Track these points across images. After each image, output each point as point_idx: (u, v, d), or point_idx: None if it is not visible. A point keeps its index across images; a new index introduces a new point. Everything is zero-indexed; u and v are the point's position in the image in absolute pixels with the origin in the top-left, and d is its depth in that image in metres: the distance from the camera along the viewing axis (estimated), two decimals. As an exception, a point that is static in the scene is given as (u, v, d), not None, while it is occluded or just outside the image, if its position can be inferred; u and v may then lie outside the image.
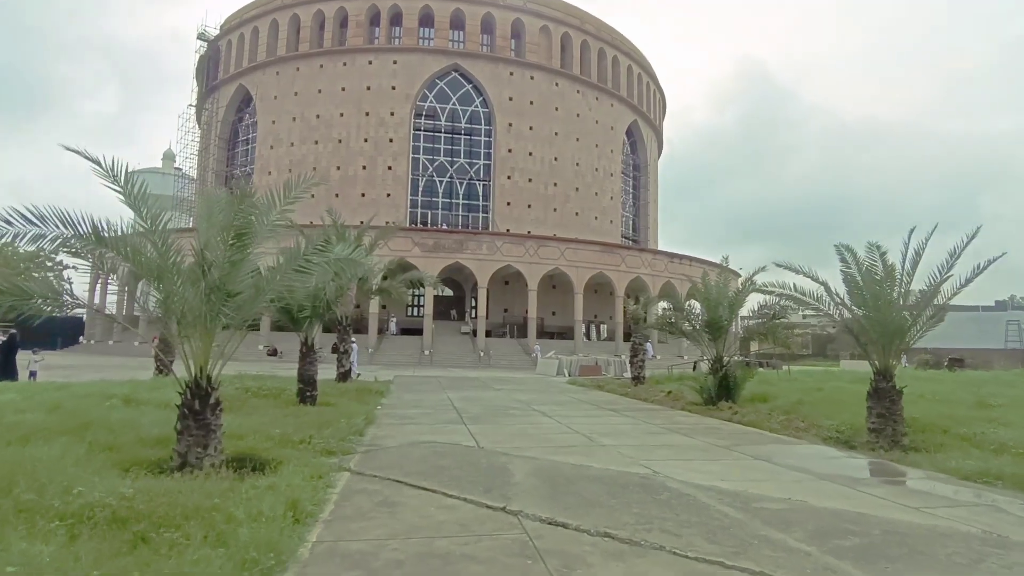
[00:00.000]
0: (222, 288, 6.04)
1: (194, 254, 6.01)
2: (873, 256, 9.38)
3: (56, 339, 46.13)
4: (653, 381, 21.79)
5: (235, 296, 6.23)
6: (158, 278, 6.11)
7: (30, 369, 16.61)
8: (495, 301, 46.66)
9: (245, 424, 8.38)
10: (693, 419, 12.23)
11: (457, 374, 28.71)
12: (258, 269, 6.61)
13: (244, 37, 56.76)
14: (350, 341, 17.97)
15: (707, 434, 10.03)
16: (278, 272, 6.51)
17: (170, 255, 6.01)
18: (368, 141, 51.31)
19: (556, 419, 11.68)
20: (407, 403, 14.07)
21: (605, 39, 60.67)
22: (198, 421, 6.18)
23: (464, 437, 9.07)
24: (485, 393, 17.72)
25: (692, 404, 14.72)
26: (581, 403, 15.69)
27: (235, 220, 6.01)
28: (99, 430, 7.17)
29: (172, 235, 6.34)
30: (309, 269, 6.47)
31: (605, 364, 32.95)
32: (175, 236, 6.53)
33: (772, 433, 10.53)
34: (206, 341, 6.29)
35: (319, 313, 12.22)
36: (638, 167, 66.84)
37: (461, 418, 11.39)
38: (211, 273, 5.99)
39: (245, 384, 13.32)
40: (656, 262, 49.62)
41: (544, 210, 53.90)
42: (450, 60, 53.46)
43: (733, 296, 14.86)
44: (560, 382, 25.18)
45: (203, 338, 6.27)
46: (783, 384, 18.85)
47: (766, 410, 13.14)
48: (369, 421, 10.05)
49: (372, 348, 39.70)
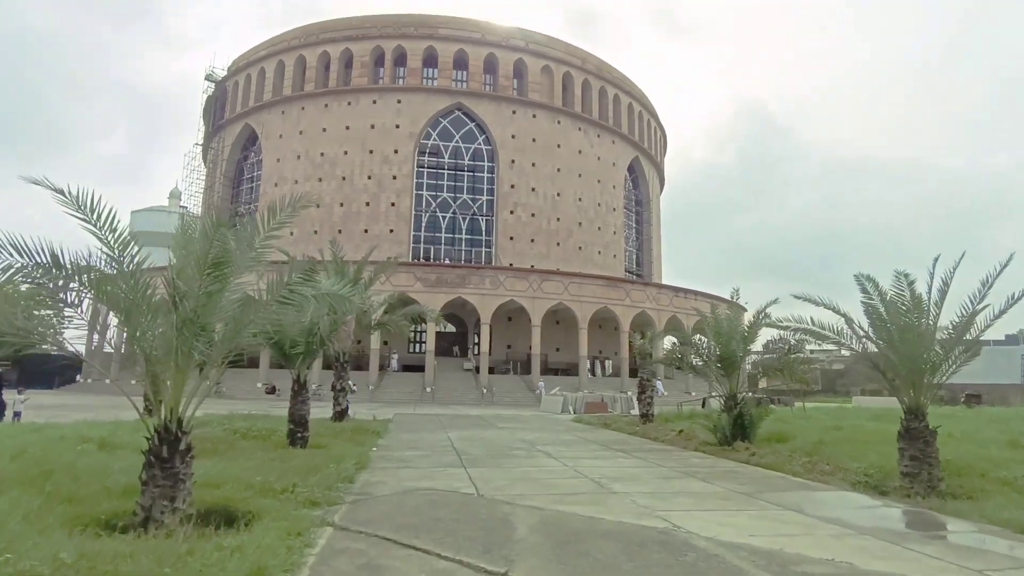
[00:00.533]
0: (196, 321, 5.49)
1: (166, 284, 5.48)
2: (900, 286, 8.80)
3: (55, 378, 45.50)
4: (662, 419, 20.97)
5: (210, 330, 5.67)
6: (126, 311, 5.57)
7: (15, 410, 15.95)
8: (498, 337, 45.91)
9: (226, 470, 7.72)
10: (709, 461, 11.47)
11: (459, 412, 27.87)
12: (239, 301, 6.06)
13: (251, 78, 57.71)
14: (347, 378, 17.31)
15: (726, 479, 9.28)
16: (260, 305, 5.97)
17: (139, 287, 5.48)
18: (371, 178, 51.52)
19: (562, 461, 10.94)
20: (404, 444, 13.34)
21: (606, 78, 61.52)
22: (165, 470, 5.55)
23: (463, 483, 8.37)
24: (487, 432, 16.95)
25: (705, 444, 13.95)
26: (588, 443, 14.92)
27: (212, 247, 5.49)
28: (62, 479, 6.54)
29: (152, 269, 5.86)
30: (293, 301, 5.93)
31: (611, 401, 32.05)
32: (157, 271, 6.06)
33: (796, 477, 9.77)
34: (178, 380, 5.71)
35: (312, 350, 11.63)
36: (640, 202, 66.91)
37: (461, 460, 10.67)
38: (184, 304, 5.45)
39: (235, 425, 12.68)
40: (661, 296, 49.02)
41: (547, 245, 53.67)
42: (453, 99, 54.11)
43: (746, 330, 14.23)
44: (565, 420, 24.33)
45: (175, 376, 5.68)
46: (799, 422, 18.04)
47: (786, 451, 12.39)
48: (362, 465, 9.36)
49: (373, 385, 38.89)
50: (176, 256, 5.95)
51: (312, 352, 11.65)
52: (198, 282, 5.54)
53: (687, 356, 15.65)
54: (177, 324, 5.43)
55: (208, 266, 5.51)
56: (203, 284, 5.54)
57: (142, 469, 5.62)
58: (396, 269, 38.40)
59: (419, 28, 55.02)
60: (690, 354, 15.61)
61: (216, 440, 10.61)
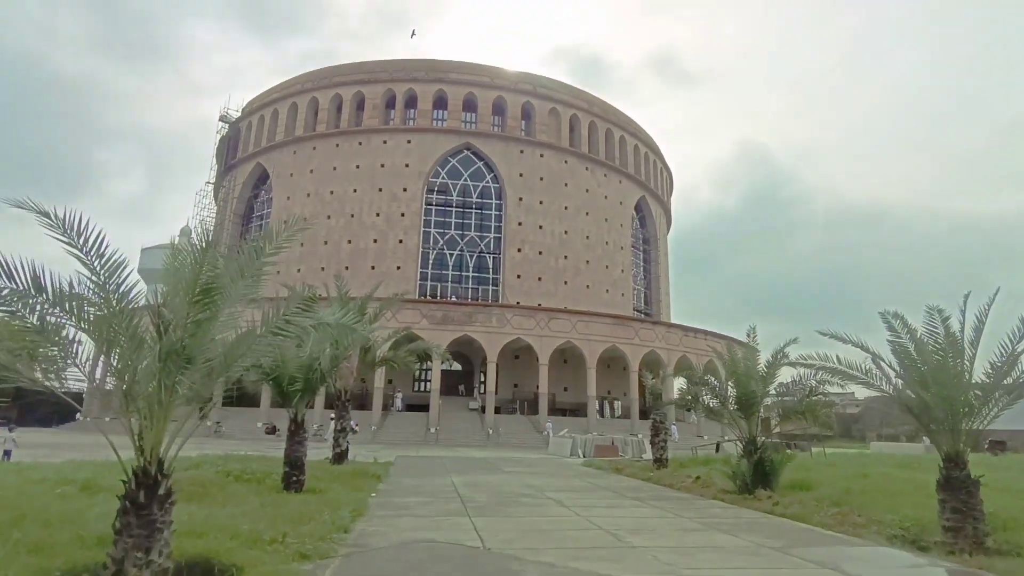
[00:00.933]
0: (182, 352, 5.06)
1: (151, 313, 5.08)
2: (933, 322, 8.28)
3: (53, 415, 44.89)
4: (677, 464, 20.12)
5: (198, 363, 5.24)
6: (108, 341, 5.16)
7: (4, 448, 15.43)
8: (505, 376, 45.15)
9: (212, 517, 7.17)
10: (731, 511, 10.74)
11: (464, 454, 27.00)
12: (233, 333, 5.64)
13: (264, 119, 58.85)
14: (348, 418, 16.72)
15: (752, 531, 8.59)
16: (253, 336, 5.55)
17: (123, 315, 5.08)
18: (380, 215, 51.77)
19: (574, 510, 10.26)
20: (406, 489, 12.67)
21: (612, 120, 62.33)
22: (141, 518, 5.03)
23: (467, 534, 7.75)
24: (493, 477, 16.22)
25: (724, 492, 13.19)
26: (600, 489, 14.17)
27: (202, 272, 5.10)
28: (32, 526, 6.02)
29: (147, 306, 5.49)
30: (289, 332, 5.51)
31: (622, 444, 31.06)
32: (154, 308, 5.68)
33: (826, 530, 9.06)
34: (160, 417, 5.24)
35: (312, 387, 11.14)
36: (648, 241, 66.84)
37: (465, 508, 10.02)
38: (169, 334, 5.03)
39: (228, 467, 12.09)
40: (671, 335, 48.29)
41: (555, 283, 53.36)
42: (462, 139, 54.82)
43: (764, 370, 13.63)
44: (575, 463, 23.45)
45: (156, 413, 5.22)
46: (820, 469, 17.23)
47: (811, 500, 11.64)
48: (359, 513, 8.74)
49: (375, 425, 38.05)
50: (165, 284, 5.56)
51: (311, 389, 11.15)
52: (185, 310, 5.13)
53: (700, 397, 15.00)
54: (161, 355, 4.99)
55: (197, 292, 5.11)
56: (191, 312, 5.13)
57: (116, 516, 5.11)
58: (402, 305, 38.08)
59: (430, 72, 56.23)
60: (703, 395, 14.96)
61: (207, 483, 10.05)
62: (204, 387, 5.77)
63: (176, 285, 5.33)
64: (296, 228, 6.23)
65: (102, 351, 5.13)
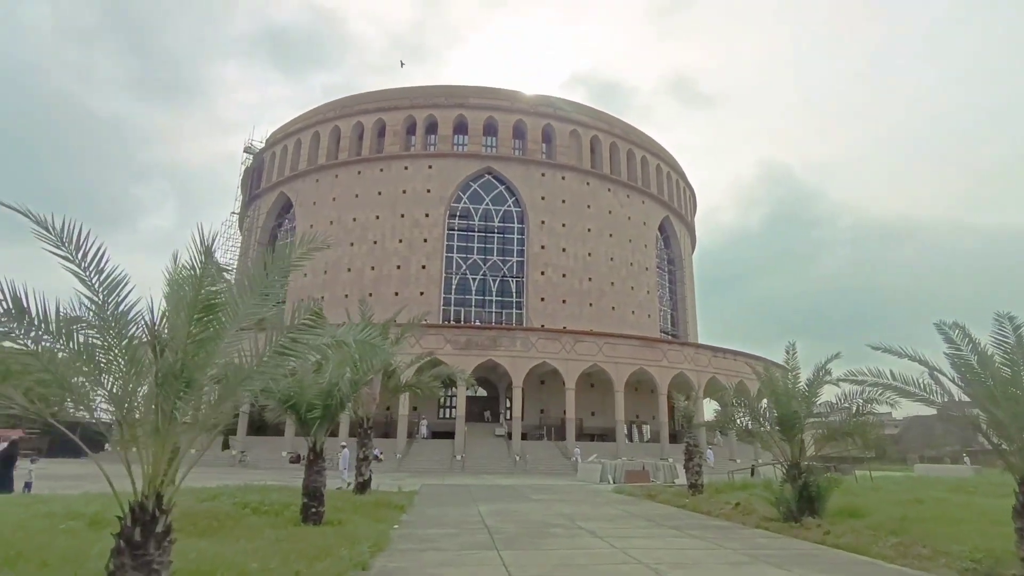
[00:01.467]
0: (181, 375, 4.67)
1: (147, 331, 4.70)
2: (1003, 331, 7.54)
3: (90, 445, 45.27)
4: (712, 489, 19.16)
5: (199, 387, 4.83)
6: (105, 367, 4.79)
7: (26, 480, 15.26)
8: (531, 401, 44.33)
9: (221, 554, 6.71)
10: (778, 542, 9.92)
11: (490, 482, 26.25)
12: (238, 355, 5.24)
13: (287, 148, 59.95)
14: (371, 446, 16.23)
15: (805, 564, 7.82)
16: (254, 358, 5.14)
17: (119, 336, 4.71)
18: (403, 242, 51.92)
19: (609, 541, 9.57)
20: (430, 520, 12.08)
21: (634, 141, 62.07)
22: (136, 558, 4.61)
23: (495, 570, 7.15)
24: (522, 505, 15.52)
25: (768, 520, 12.33)
26: (634, 517, 13.39)
27: (203, 288, 4.73)
28: (28, 565, 5.62)
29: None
30: (296, 352, 5.09)
31: (653, 469, 29.96)
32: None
33: (887, 563, 8.24)
34: (159, 447, 4.84)
35: (331, 413, 10.71)
36: (673, 261, 65.88)
37: (493, 540, 9.40)
38: (166, 356, 4.64)
39: (247, 498, 11.66)
40: (699, 357, 47.05)
41: (579, 305, 52.65)
42: (483, 163, 55.00)
43: (805, 388, 12.83)
44: (605, 490, 22.56)
45: (155, 443, 4.81)
46: (867, 494, 16.17)
47: (865, 529, 10.76)
48: (379, 547, 8.20)
49: (400, 453, 37.47)
50: (167, 302, 5.20)
51: (331, 417, 10.72)
52: (185, 328, 4.75)
53: (737, 418, 14.19)
54: (158, 378, 4.60)
55: (199, 309, 4.73)
56: (191, 331, 4.74)
57: (109, 557, 4.69)
58: (425, 331, 37.77)
59: (450, 98, 56.80)
60: (740, 416, 14.15)
61: (222, 516, 9.62)
62: (210, 414, 5.37)
63: (177, 302, 4.96)
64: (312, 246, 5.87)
65: (95, 378, 4.75)
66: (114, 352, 4.72)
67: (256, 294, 5.29)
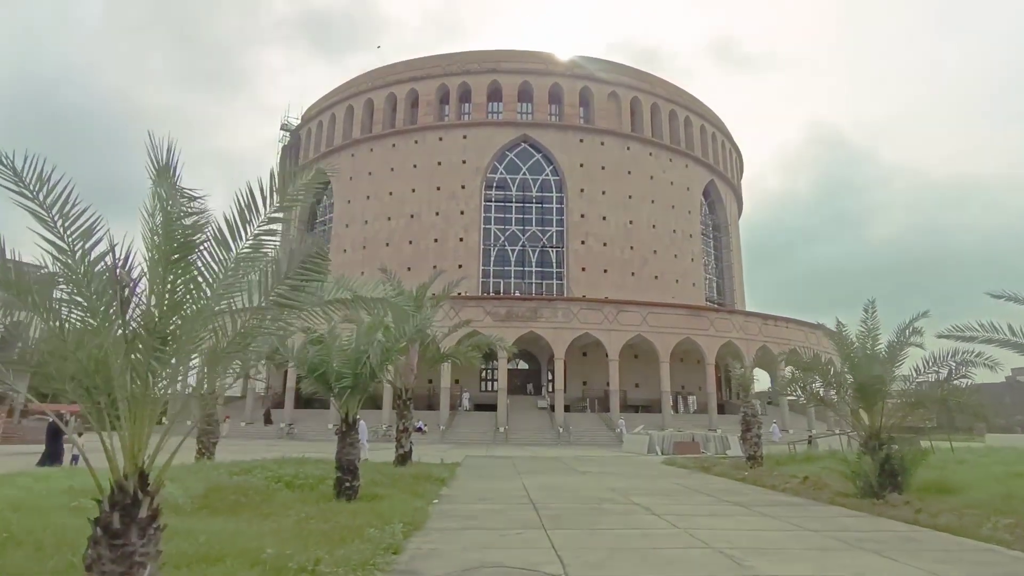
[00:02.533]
0: (154, 331, 3.81)
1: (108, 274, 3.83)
2: None
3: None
4: (772, 462, 17.92)
5: (181, 345, 3.98)
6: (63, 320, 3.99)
7: (73, 454, 15.25)
8: (573, 373, 43.41)
9: (240, 534, 6.01)
10: (865, 522, 8.72)
11: (534, 453, 25.56)
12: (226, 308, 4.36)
13: (322, 124, 59.63)
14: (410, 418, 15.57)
15: (913, 554, 6.62)
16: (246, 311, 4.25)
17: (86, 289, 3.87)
18: (439, 214, 51.18)
19: (669, 520, 8.56)
20: (472, 494, 11.31)
21: (676, 101, 59.28)
22: (115, 549, 3.83)
23: (544, 554, 6.25)
24: (569, 479, 14.66)
25: (842, 495, 11.12)
26: (692, 492, 12.35)
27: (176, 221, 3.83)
28: (21, 549, 5.00)
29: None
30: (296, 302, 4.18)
31: (703, 440, 28.77)
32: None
33: (1006, 548, 6.98)
34: (138, 419, 4.02)
35: (362, 384, 9.95)
36: (718, 227, 63.24)
37: (540, 518, 8.53)
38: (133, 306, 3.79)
39: (282, 471, 11.11)
40: (749, 325, 45.04)
41: (621, 275, 51.09)
42: (519, 131, 53.46)
43: (887, 350, 11.41)
44: (654, 461, 21.56)
45: (133, 415, 4.00)
46: (951, 467, 14.66)
47: (962, 507, 9.44)
48: (415, 526, 7.41)
49: (443, 425, 37.25)
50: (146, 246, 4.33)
51: (362, 386, 9.96)
52: (161, 273, 3.88)
53: (809, 385, 12.85)
54: (127, 334, 3.75)
55: (175, 247, 3.85)
56: (167, 275, 3.87)
57: (86, 547, 3.93)
58: (464, 303, 37.09)
59: (482, 64, 55.19)
60: (813, 383, 12.81)
61: (252, 491, 9.03)
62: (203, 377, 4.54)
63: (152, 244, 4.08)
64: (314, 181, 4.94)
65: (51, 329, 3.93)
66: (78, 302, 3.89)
67: (250, 235, 4.39)
